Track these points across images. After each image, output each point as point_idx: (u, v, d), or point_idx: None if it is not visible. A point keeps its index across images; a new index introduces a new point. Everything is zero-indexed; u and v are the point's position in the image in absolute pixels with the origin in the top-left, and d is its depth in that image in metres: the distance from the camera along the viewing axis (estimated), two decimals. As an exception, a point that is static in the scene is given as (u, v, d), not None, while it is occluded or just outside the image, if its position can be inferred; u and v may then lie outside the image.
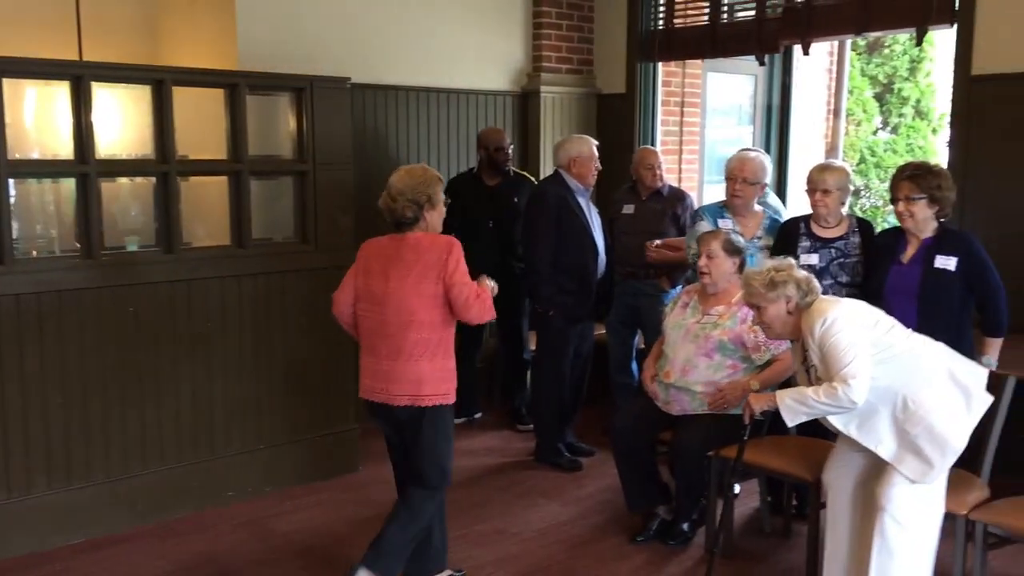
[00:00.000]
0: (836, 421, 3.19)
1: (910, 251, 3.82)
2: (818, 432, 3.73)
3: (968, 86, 4.82)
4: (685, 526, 4.12)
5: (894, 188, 3.83)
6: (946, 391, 3.14)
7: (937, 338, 3.34)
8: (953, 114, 4.96)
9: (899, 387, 3.11)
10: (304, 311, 4.70)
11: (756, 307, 3.29)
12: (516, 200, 5.40)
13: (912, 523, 3.12)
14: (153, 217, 4.29)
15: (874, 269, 3.94)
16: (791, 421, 3.21)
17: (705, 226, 4.44)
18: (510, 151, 5.53)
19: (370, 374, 3.51)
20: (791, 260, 3.34)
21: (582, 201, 4.86)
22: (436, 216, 3.50)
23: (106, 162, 4.14)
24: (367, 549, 3.41)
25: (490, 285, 3.53)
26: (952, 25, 4.87)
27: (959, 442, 3.10)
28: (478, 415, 5.88)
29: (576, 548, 4.10)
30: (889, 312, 3.44)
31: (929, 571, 3.18)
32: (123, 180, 4.43)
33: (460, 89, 6.02)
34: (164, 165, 4.21)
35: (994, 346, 3.76)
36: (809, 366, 3.23)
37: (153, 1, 5.65)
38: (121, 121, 4.37)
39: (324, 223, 4.70)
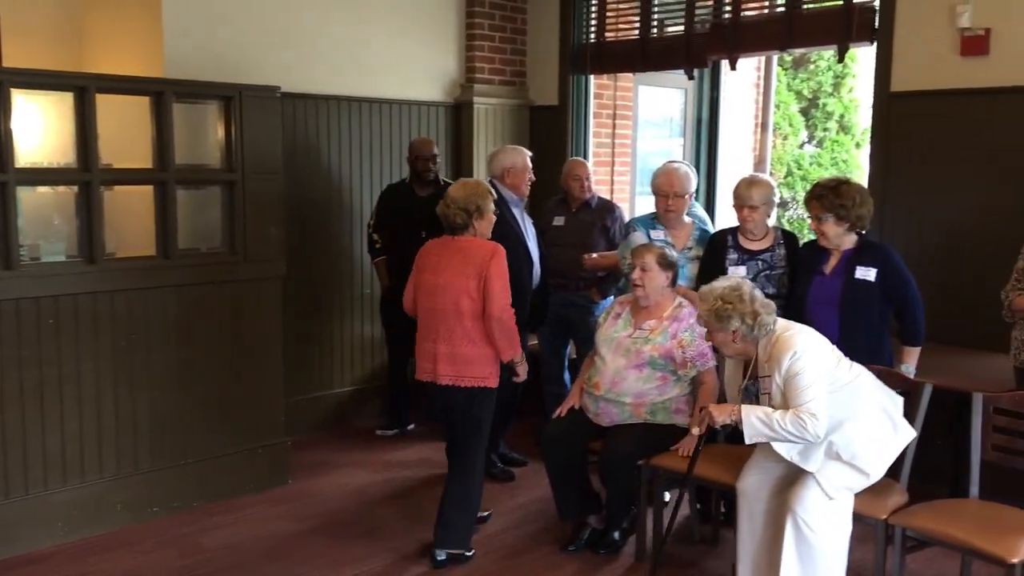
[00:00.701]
0: (781, 448, 3.25)
1: (832, 262, 3.92)
2: (741, 438, 3.83)
3: (888, 102, 4.98)
4: (616, 535, 4.16)
5: (806, 207, 3.96)
6: (878, 422, 3.31)
7: (857, 346, 3.46)
8: (874, 129, 5.12)
9: (841, 417, 3.23)
10: (233, 322, 4.63)
11: (710, 332, 3.37)
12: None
13: (823, 528, 3.22)
14: (75, 227, 4.19)
15: (798, 280, 4.04)
16: (751, 439, 3.23)
17: (639, 237, 4.49)
18: (434, 161, 5.50)
19: (422, 356, 4.03)
20: (742, 286, 3.31)
21: (516, 211, 4.88)
22: (484, 224, 4.00)
23: (26, 171, 4.03)
24: (435, 531, 4.00)
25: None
26: (872, 43, 5.02)
27: (880, 471, 3.29)
28: (411, 427, 5.85)
29: (508, 558, 4.10)
30: (812, 322, 3.54)
31: (841, 574, 3.28)
32: (44, 189, 4.32)
33: (392, 99, 6.01)
34: (87, 174, 4.11)
35: (912, 355, 3.88)
36: (760, 392, 3.28)
37: (77, 6, 5.53)
38: (43, 129, 4.27)
39: (253, 233, 4.64)
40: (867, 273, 3.78)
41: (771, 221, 4.28)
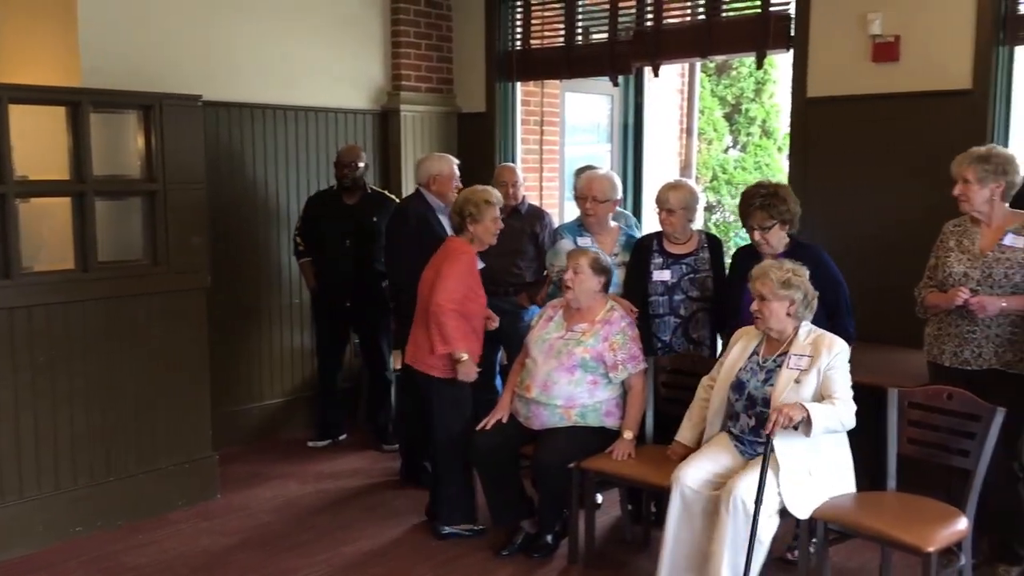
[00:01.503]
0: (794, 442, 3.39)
1: None
2: (669, 440, 3.90)
3: (804, 107, 5.12)
4: (549, 538, 4.17)
5: (745, 217, 3.96)
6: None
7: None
8: (792, 133, 5.25)
9: None
10: (156, 335, 4.55)
11: (762, 298, 3.50)
12: (375, 219, 5.38)
13: (761, 517, 3.30)
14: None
15: (733, 286, 4.05)
16: (816, 434, 3.31)
17: (567, 244, 4.53)
18: (353, 168, 5.46)
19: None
20: (805, 269, 3.54)
21: (443, 219, 4.88)
22: (481, 229, 4.24)
23: (-65, 183, 3.91)
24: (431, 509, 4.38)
25: (492, 322, 4.38)
26: (788, 50, 5.16)
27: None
28: (342, 437, 5.81)
29: (443, 565, 4.10)
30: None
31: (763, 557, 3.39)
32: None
33: (318, 107, 5.97)
34: (1, 186, 4.00)
35: None
36: (787, 367, 3.45)
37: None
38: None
39: (176, 244, 4.56)
40: None
41: (698, 225, 4.35)
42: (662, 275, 4.24)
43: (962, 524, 3.29)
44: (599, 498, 4.52)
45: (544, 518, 4.17)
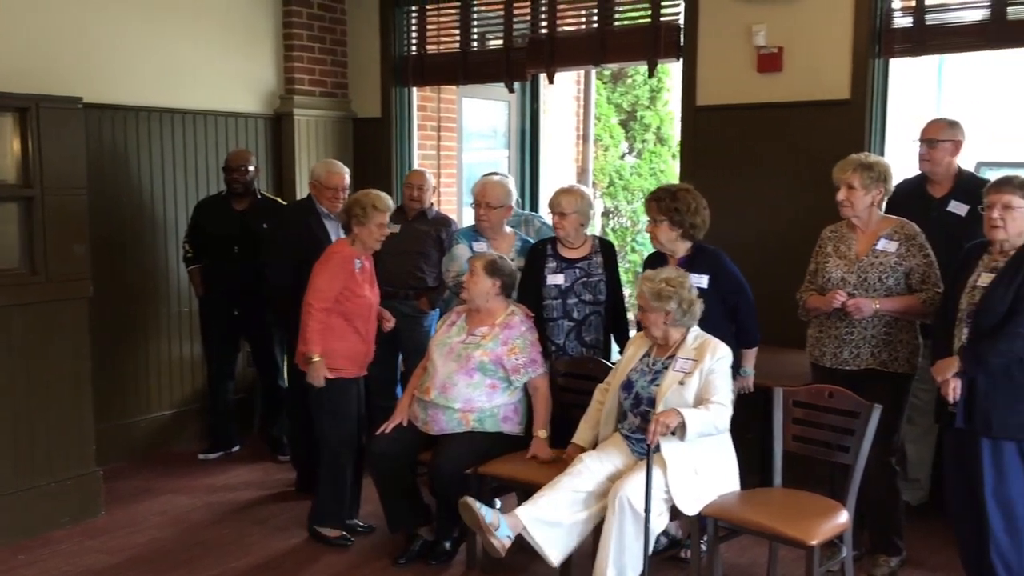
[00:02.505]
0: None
1: None
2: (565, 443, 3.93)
3: (694, 115, 5.25)
4: (447, 544, 4.17)
5: (645, 208, 4.08)
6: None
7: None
8: (683, 140, 5.38)
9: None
10: (35, 347, 4.36)
11: (641, 308, 3.62)
12: (265, 225, 5.27)
13: (651, 516, 3.40)
14: None
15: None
16: (690, 438, 3.39)
17: (462, 249, 4.55)
18: (242, 172, 5.36)
19: None
20: (686, 277, 3.65)
21: (329, 225, 4.83)
22: (365, 233, 4.20)
23: None
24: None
25: (388, 322, 4.48)
26: (678, 59, 5.28)
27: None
28: (235, 448, 5.68)
29: (340, 574, 4.04)
30: None
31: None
32: None
33: (207, 110, 5.82)
34: None
35: (749, 357, 4.07)
36: (674, 370, 3.56)
37: None
38: None
39: (55, 252, 4.38)
40: (700, 280, 3.89)
41: (596, 230, 4.41)
42: (556, 279, 4.29)
43: (843, 517, 3.42)
44: (497, 503, 4.51)
45: (442, 524, 4.16)
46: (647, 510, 3.36)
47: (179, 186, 5.71)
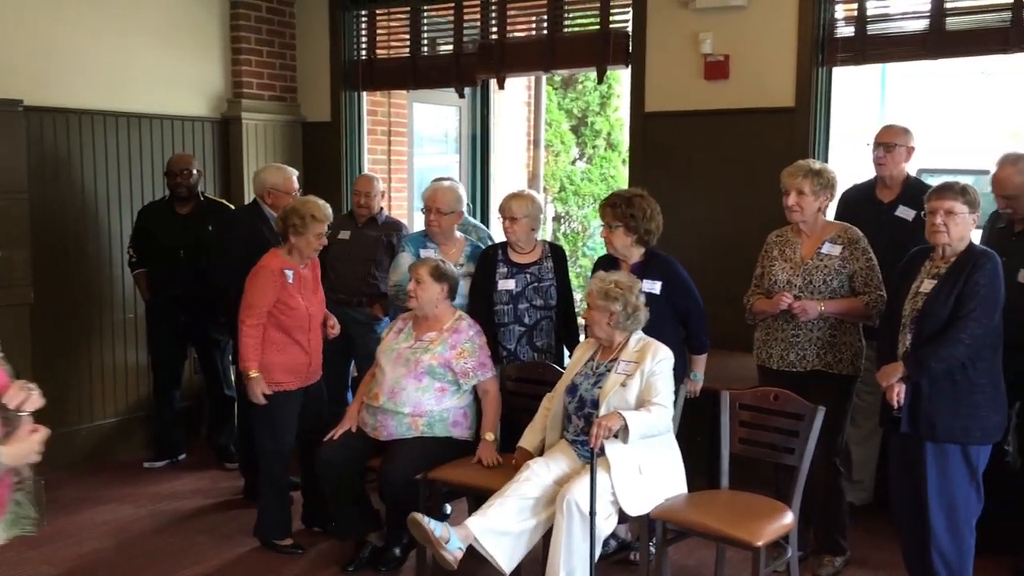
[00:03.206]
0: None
1: None
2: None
3: (643, 121, 5.30)
4: (397, 550, 4.15)
5: (600, 213, 4.10)
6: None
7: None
8: (632, 146, 5.43)
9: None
10: (-27, 355, 4.25)
11: (588, 307, 3.67)
12: (210, 228, 5.21)
13: (597, 518, 3.41)
14: None
15: None
16: (633, 439, 3.41)
17: (405, 258, 4.53)
18: (185, 176, 5.30)
19: None
20: (637, 282, 3.72)
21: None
22: (303, 243, 4.13)
23: None
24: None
25: (332, 329, 4.38)
26: (627, 66, 5.33)
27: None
28: (182, 456, 5.60)
29: (287, 584, 4.02)
30: None
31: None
32: None
33: (153, 114, 5.74)
34: None
35: (699, 362, 4.11)
36: (616, 372, 3.60)
37: None
38: None
39: (-6, 258, 4.30)
40: (653, 286, 3.93)
41: (548, 235, 4.42)
42: (507, 284, 4.30)
43: (788, 518, 3.47)
44: (447, 508, 4.52)
45: (391, 531, 4.14)
46: (592, 512, 3.38)
47: (124, 191, 5.62)
